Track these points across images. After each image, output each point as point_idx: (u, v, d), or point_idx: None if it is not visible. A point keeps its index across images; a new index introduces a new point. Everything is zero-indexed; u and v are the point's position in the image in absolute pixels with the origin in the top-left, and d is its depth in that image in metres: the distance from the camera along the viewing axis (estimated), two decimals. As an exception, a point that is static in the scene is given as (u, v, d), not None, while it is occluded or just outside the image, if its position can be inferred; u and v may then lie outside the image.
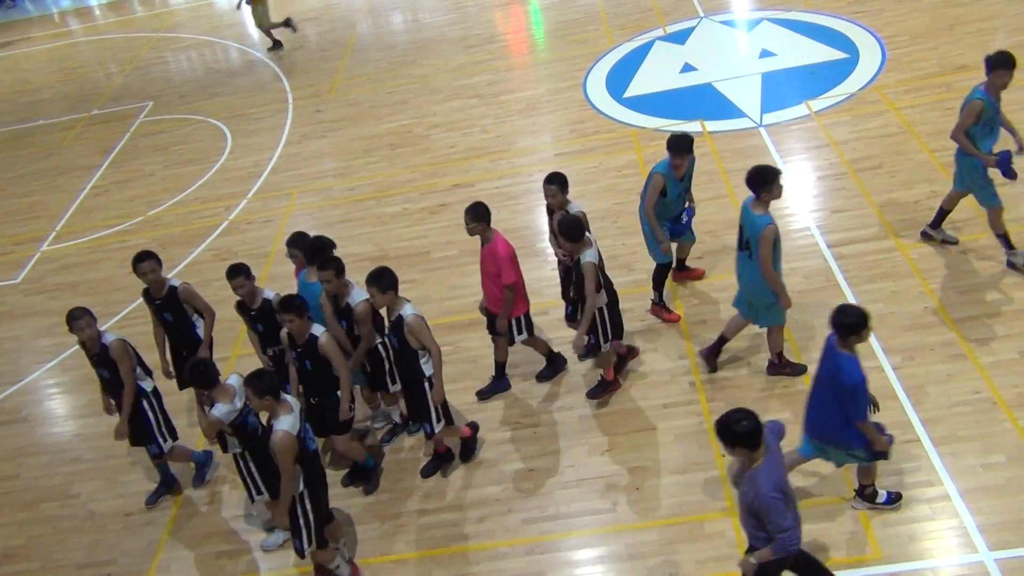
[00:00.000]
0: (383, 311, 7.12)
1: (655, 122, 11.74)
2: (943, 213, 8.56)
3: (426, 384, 6.86)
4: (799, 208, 9.54)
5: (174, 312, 7.78)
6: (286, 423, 5.94)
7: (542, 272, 9.49)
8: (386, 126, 13.18)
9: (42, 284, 11.31)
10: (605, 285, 7.25)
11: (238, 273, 7.34)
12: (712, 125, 11.39)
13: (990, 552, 5.97)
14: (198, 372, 6.40)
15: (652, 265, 9.18)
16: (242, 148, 13.45)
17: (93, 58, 18.62)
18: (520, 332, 7.77)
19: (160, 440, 7.45)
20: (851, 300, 8.15)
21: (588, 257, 6.94)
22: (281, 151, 13.14)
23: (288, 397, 6.15)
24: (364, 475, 7.48)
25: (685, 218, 8.26)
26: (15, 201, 13.42)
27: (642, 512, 6.75)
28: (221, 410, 6.34)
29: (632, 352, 7.99)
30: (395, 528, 7.07)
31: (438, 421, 7.03)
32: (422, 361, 6.78)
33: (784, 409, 7.28)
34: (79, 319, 7.04)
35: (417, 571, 6.69)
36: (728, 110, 11.64)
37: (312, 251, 7.29)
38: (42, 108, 16.52)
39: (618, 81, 12.92)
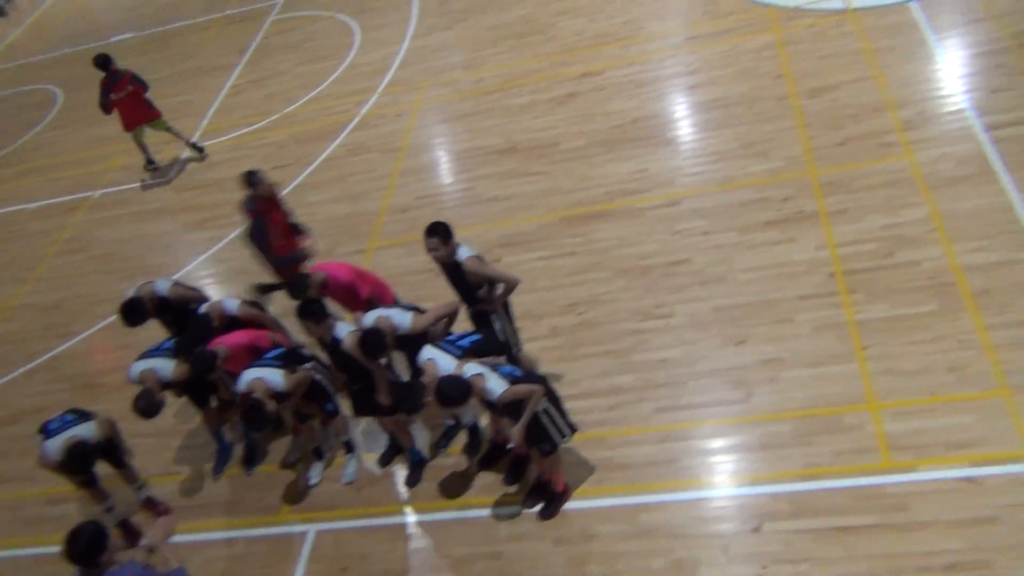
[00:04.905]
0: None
1: (794, 0, 11.10)
2: None
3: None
4: (951, 88, 8.91)
5: None
6: None
7: (675, 162, 9.31)
8: (512, 14, 12.97)
9: (192, 180, 11.94)
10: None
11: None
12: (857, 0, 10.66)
13: None
14: None
15: (788, 151, 8.87)
16: (371, 42, 13.55)
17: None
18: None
19: None
20: (1007, 187, 7.67)
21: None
22: (409, 44, 13.17)
23: None
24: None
25: None
26: (163, 102, 13.97)
27: (776, 404, 6.72)
28: None
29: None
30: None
31: (562, 436, 6.26)
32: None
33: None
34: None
35: (552, 455, 6.92)
36: (875, -18, 10.83)
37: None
38: (179, 10, 17.05)
39: (754, -44, 12.18)
